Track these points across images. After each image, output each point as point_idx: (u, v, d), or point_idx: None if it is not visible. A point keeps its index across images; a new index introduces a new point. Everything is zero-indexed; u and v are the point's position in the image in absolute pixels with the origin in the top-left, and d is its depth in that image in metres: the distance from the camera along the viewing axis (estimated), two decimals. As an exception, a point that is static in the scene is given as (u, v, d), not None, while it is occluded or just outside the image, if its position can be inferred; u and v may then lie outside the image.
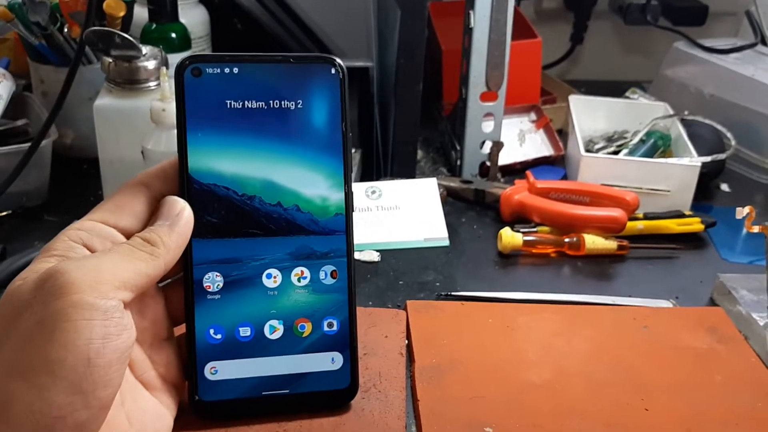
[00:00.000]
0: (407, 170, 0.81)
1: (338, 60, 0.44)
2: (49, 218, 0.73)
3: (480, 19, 0.76)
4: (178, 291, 0.43)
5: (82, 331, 0.33)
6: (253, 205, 0.43)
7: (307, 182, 0.44)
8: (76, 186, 0.79)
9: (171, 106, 0.61)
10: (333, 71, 0.44)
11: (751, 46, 1.01)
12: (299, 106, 0.43)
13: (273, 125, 0.43)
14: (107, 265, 0.36)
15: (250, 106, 0.43)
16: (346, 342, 0.45)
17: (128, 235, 0.39)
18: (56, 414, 0.32)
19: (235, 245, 0.43)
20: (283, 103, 0.43)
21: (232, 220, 0.43)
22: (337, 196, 0.45)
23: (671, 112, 0.89)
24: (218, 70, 0.42)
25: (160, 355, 0.42)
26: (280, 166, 0.43)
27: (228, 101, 0.43)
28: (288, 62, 0.43)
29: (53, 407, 0.32)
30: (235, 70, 0.42)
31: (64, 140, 0.81)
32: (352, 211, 0.45)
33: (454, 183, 0.80)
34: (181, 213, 0.40)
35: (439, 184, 0.76)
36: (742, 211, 0.60)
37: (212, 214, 0.43)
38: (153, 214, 0.41)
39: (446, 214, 0.74)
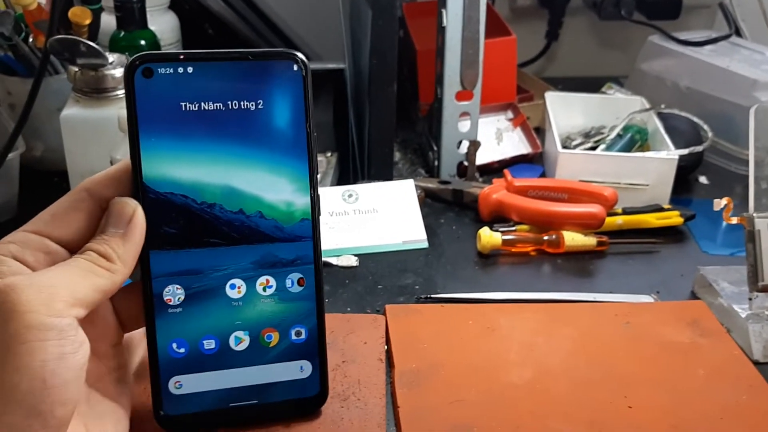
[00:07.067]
0: (384, 172, 0.80)
1: (300, 55, 0.41)
2: (19, 233, 0.71)
3: (452, 17, 0.76)
4: (126, 297, 0.41)
5: (36, 353, 0.32)
6: (213, 214, 0.41)
7: (271, 187, 0.42)
8: (46, 199, 0.74)
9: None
10: (295, 68, 0.41)
11: (726, 37, 1.01)
12: (260, 106, 0.41)
13: (232, 127, 0.41)
14: (62, 281, 0.35)
15: (206, 107, 0.40)
16: (315, 350, 0.44)
17: (64, 245, 0.38)
18: None
19: (196, 256, 0.41)
20: (242, 103, 0.41)
21: (192, 230, 0.41)
22: (302, 201, 0.43)
23: (647, 105, 0.88)
24: (171, 70, 0.39)
25: (113, 361, 0.41)
26: (241, 171, 0.41)
27: (183, 103, 0.40)
28: (246, 59, 0.41)
29: (12, 430, 0.32)
30: (190, 69, 0.40)
31: (34, 153, 0.79)
32: (319, 215, 0.43)
33: (431, 184, 0.80)
34: (134, 220, 0.38)
35: (416, 186, 0.75)
36: (719, 203, 0.60)
37: (170, 224, 0.40)
38: (96, 222, 0.39)
39: (424, 216, 0.73)
